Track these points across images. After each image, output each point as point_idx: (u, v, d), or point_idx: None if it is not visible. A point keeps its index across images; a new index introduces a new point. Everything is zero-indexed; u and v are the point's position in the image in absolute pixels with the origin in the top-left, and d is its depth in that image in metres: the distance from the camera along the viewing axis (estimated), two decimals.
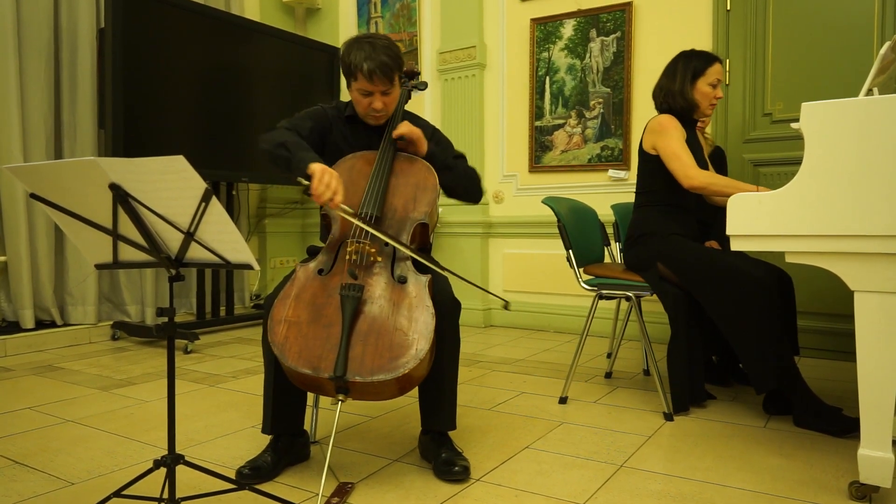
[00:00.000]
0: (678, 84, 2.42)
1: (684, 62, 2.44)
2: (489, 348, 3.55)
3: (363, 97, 1.91)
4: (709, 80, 2.40)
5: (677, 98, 2.42)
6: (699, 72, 2.40)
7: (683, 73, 2.42)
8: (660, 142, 2.37)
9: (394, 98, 1.94)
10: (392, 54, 1.87)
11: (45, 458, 1.93)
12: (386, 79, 1.86)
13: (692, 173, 2.27)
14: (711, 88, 2.41)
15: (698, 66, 2.41)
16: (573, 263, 2.46)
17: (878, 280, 1.53)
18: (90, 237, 1.38)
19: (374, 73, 1.84)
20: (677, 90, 2.42)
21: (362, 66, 1.84)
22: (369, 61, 1.83)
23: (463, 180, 2.03)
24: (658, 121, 2.41)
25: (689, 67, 2.42)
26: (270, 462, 1.77)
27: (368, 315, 1.68)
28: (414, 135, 1.92)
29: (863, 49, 3.08)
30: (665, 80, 2.47)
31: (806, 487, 1.69)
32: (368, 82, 1.86)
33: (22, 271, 3.50)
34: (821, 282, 2.97)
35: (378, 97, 1.90)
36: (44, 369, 3.07)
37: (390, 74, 1.86)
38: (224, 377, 2.91)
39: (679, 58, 2.47)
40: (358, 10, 4.84)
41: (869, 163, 1.50)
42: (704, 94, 2.41)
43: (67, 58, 3.71)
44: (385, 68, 1.84)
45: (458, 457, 1.78)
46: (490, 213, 4.28)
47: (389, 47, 1.88)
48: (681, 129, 2.38)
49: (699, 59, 2.42)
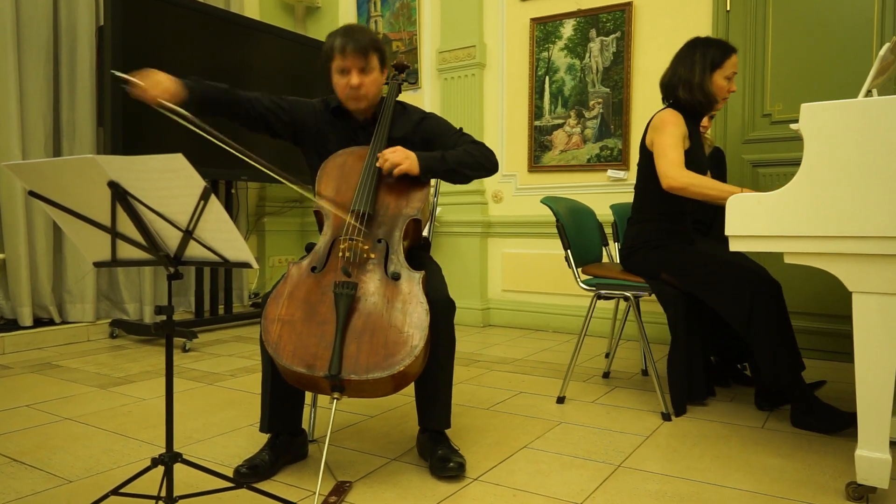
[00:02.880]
0: (698, 76, 2.26)
1: (703, 50, 2.27)
2: (487, 348, 3.55)
3: (341, 77, 1.90)
4: (726, 72, 2.27)
5: (696, 92, 2.27)
6: (717, 63, 2.26)
7: (703, 63, 2.26)
8: (656, 138, 2.27)
9: (373, 80, 1.91)
10: (367, 34, 1.90)
11: (43, 455, 1.93)
12: (359, 53, 1.86)
13: (672, 173, 2.18)
14: (727, 82, 2.28)
15: (716, 57, 2.26)
16: (571, 263, 2.45)
17: (877, 281, 1.53)
18: (89, 235, 1.38)
19: (346, 46, 1.85)
20: (697, 83, 2.26)
21: (335, 43, 1.87)
22: (342, 37, 1.87)
23: (472, 170, 1.94)
24: (660, 117, 2.31)
25: (707, 57, 2.26)
26: (268, 461, 1.77)
27: (363, 312, 1.67)
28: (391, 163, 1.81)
29: (862, 50, 3.08)
30: (683, 70, 2.30)
31: (804, 488, 1.69)
32: (341, 56, 1.87)
33: (20, 269, 3.50)
34: (818, 282, 2.97)
35: (355, 73, 1.87)
36: (42, 367, 3.07)
37: (364, 49, 1.86)
38: (222, 375, 2.91)
39: (696, 45, 2.30)
40: (358, 9, 4.84)
41: (868, 164, 1.50)
42: (720, 88, 2.28)
43: (66, 55, 3.71)
44: (357, 43, 1.86)
45: (453, 454, 1.78)
46: (489, 212, 4.28)
47: (365, 30, 1.92)
48: (682, 126, 2.27)
49: (717, 48, 2.27)
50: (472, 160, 1.93)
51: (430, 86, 4.51)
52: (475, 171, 1.95)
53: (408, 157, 1.83)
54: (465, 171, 1.92)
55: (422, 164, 1.85)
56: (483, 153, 1.96)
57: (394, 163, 1.80)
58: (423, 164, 1.85)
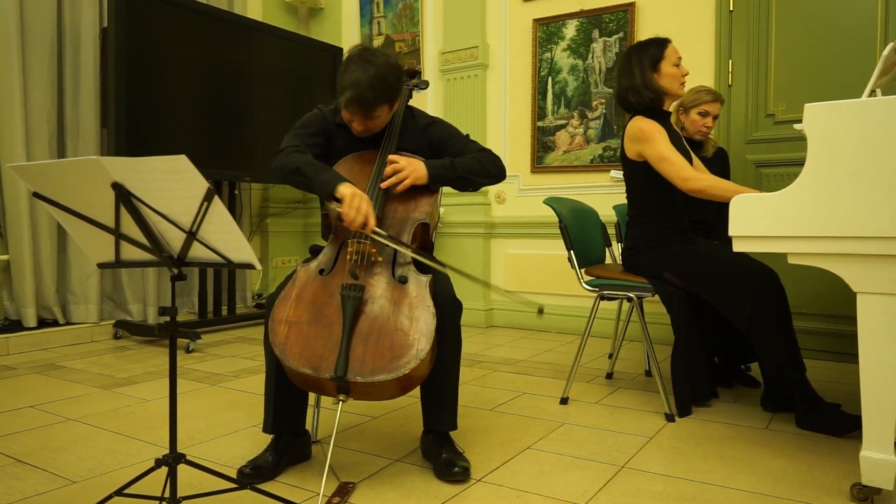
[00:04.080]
0: (638, 78, 2.35)
1: (637, 55, 2.37)
2: (491, 349, 3.55)
3: (349, 116, 1.87)
4: (670, 61, 2.34)
5: (643, 92, 2.34)
6: (658, 57, 2.34)
7: (640, 65, 2.35)
8: (646, 149, 2.30)
9: (380, 122, 1.89)
10: (381, 87, 1.77)
11: (47, 456, 1.94)
12: (362, 112, 1.81)
13: (687, 175, 2.20)
14: (676, 68, 2.35)
15: (655, 52, 2.34)
16: (574, 264, 2.45)
17: (881, 282, 1.52)
18: (92, 236, 1.38)
19: (350, 105, 1.80)
20: (640, 84, 2.34)
21: (345, 93, 1.79)
22: (352, 89, 1.77)
23: (481, 178, 1.94)
24: (637, 126, 2.34)
25: (644, 58, 2.35)
26: (272, 461, 1.77)
27: (369, 315, 1.68)
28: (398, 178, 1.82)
29: (866, 50, 3.07)
30: (624, 80, 2.39)
31: (807, 489, 1.69)
32: (346, 110, 1.84)
33: (25, 270, 3.51)
34: (821, 283, 2.96)
35: (358, 122, 1.86)
36: (46, 368, 3.08)
37: (368, 110, 1.80)
38: (226, 376, 2.91)
39: (629, 53, 2.40)
40: (360, 10, 4.84)
41: (872, 164, 1.50)
42: (672, 76, 2.35)
43: (70, 57, 3.72)
44: (364, 103, 1.78)
45: (458, 457, 1.78)
46: (492, 213, 4.28)
47: (383, 77, 1.78)
48: (661, 129, 2.31)
49: (652, 45, 2.36)
50: (481, 167, 1.94)
51: (432, 87, 4.51)
52: (483, 179, 1.95)
53: (416, 168, 1.83)
54: (474, 178, 1.92)
55: (431, 173, 1.86)
56: (491, 160, 1.97)
57: (399, 178, 1.81)
58: (432, 173, 1.86)
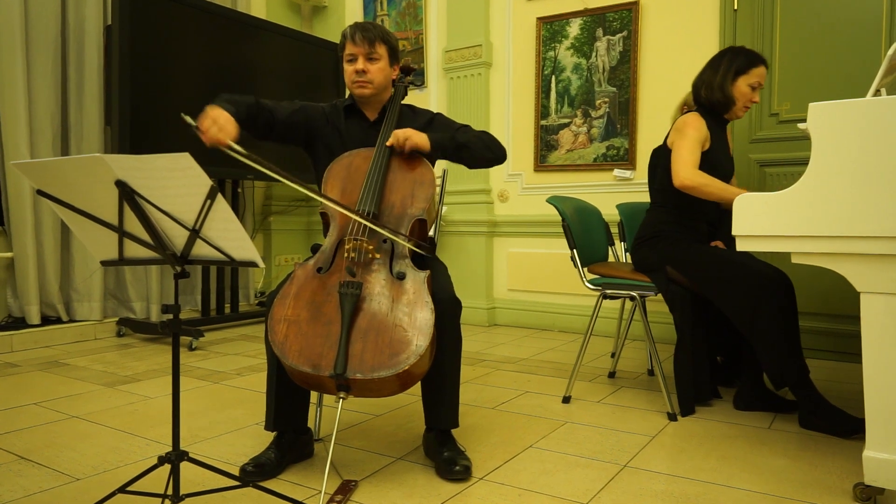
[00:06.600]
0: (720, 77, 2.37)
1: (731, 56, 2.39)
2: (493, 347, 3.55)
3: (349, 65, 1.98)
4: (750, 80, 2.36)
5: (715, 91, 2.38)
6: (742, 70, 2.36)
7: (727, 68, 2.37)
8: (676, 139, 2.35)
9: (379, 68, 1.98)
10: (379, 27, 1.99)
11: (50, 453, 1.94)
12: (367, 40, 1.94)
13: (683, 172, 2.24)
14: (750, 90, 2.37)
15: (742, 63, 2.36)
16: (577, 263, 2.45)
17: (885, 281, 1.52)
18: (96, 234, 1.39)
19: (356, 34, 1.95)
20: (717, 83, 2.38)
21: (347, 31, 1.98)
22: (353, 27, 1.98)
23: (482, 151, 2.01)
24: (683, 119, 2.39)
25: (734, 63, 2.37)
26: (274, 459, 1.77)
27: (368, 312, 1.68)
28: (403, 135, 1.88)
29: (870, 49, 3.06)
30: (708, 71, 2.42)
31: (810, 489, 1.69)
32: (351, 43, 1.95)
33: (28, 267, 3.52)
34: (825, 282, 2.96)
35: (361, 60, 1.95)
36: (49, 365, 3.09)
37: (371, 38, 1.94)
38: (228, 374, 2.92)
39: (727, 51, 2.42)
40: (364, 8, 4.84)
41: (876, 163, 1.49)
42: (742, 94, 2.38)
43: (74, 55, 3.72)
44: (366, 32, 1.95)
45: (459, 456, 1.78)
46: (495, 212, 4.28)
47: (378, 25, 2.01)
48: (703, 129, 2.34)
49: (746, 56, 2.38)
50: (481, 142, 2.02)
51: (436, 85, 4.51)
52: (484, 152, 2.02)
53: (419, 134, 1.91)
54: (474, 149, 2.00)
55: (432, 141, 1.93)
56: (491, 139, 2.06)
57: (406, 135, 1.88)
58: (433, 141, 1.93)
